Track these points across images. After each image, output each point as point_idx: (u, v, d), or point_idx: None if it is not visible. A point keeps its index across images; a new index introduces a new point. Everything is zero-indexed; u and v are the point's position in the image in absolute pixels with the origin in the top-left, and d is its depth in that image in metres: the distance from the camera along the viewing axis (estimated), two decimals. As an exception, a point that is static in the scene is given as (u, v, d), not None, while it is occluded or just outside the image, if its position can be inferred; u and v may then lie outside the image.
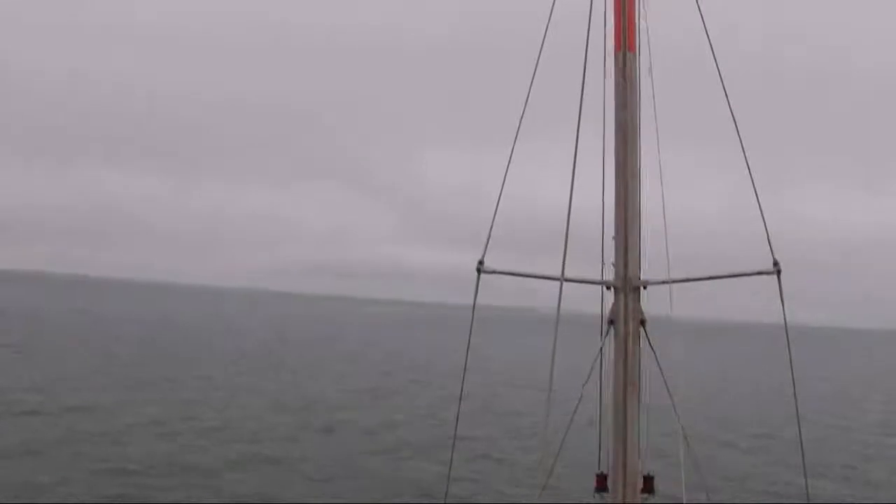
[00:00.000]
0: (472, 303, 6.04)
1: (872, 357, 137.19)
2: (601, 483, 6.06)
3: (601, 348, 5.93)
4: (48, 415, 31.43)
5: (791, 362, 6.17)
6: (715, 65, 6.11)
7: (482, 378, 51.98)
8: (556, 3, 6.10)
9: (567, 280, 5.69)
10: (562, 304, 5.79)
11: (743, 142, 5.98)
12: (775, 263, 5.58)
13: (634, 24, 5.77)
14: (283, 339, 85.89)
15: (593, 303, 6.15)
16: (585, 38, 5.78)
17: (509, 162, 6.42)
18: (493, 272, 5.97)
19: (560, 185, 5.88)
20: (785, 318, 5.87)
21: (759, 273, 5.64)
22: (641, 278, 5.74)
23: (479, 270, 5.93)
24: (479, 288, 6.05)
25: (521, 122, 6.36)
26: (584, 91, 5.70)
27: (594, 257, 6.16)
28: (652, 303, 5.85)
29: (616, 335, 5.70)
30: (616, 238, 5.73)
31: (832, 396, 57.06)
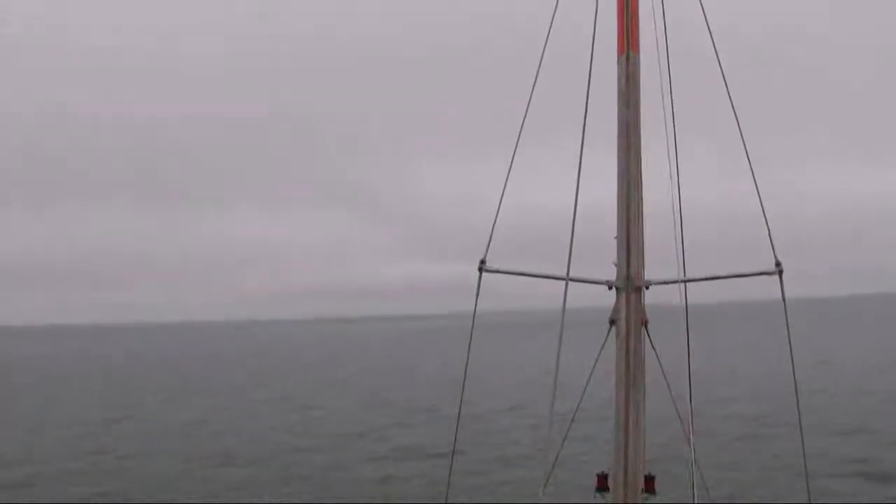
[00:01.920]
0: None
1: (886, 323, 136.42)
2: (602, 483, 6.05)
3: (602, 348, 5.94)
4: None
5: (792, 361, 6.18)
6: (718, 64, 6.12)
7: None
8: (557, 6, 6.11)
9: (571, 280, 5.69)
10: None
11: (747, 142, 6.00)
12: (777, 263, 5.60)
13: (638, 25, 5.77)
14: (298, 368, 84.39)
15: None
16: (587, 39, 5.78)
17: (511, 162, 6.42)
18: (496, 271, 5.97)
19: (561, 186, 5.89)
20: (787, 317, 5.89)
21: (762, 273, 5.65)
22: (643, 278, 5.75)
23: (480, 270, 5.93)
24: (482, 289, 6.06)
25: (523, 123, 6.36)
26: (591, 91, 5.70)
27: (596, 258, 6.17)
28: (652, 300, 5.86)
29: (618, 335, 5.71)
30: (618, 238, 5.73)
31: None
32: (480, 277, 5.95)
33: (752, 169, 5.97)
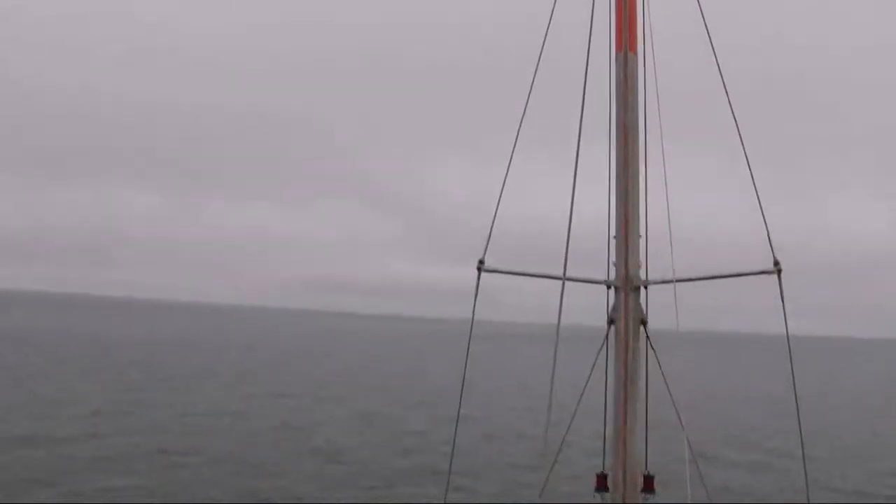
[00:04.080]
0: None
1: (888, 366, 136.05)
2: (601, 483, 6.06)
3: (601, 348, 5.95)
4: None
5: (791, 360, 6.19)
6: (716, 65, 6.13)
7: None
8: (556, 6, 6.12)
9: (568, 279, 5.70)
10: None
11: (745, 142, 6.01)
12: (776, 263, 5.60)
13: (636, 24, 5.78)
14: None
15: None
16: (586, 40, 5.80)
17: (509, 163, 6.44)
18: (494, 271, 5.98)
19: (561, 186, 5.90)
20: (785, 317, 5.89)
21: (761, 273, 5.65)
22: (642, 278, 5.76)
23: (479, 270, 5.94)
24: (481, 290, 6.07)
25: (521, 123, 6.38)
26: (588, 90, 5.72)
27: (595, 258, 6.18)
28: (653, 305, 5.86)
29: (616, 334, 5.71)
30: (617, 238, 5.74)
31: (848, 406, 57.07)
32: (479, 277, 5.96)
33: (750, 169, 5.98)
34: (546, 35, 6.22)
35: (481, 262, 5.91)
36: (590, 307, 6.02)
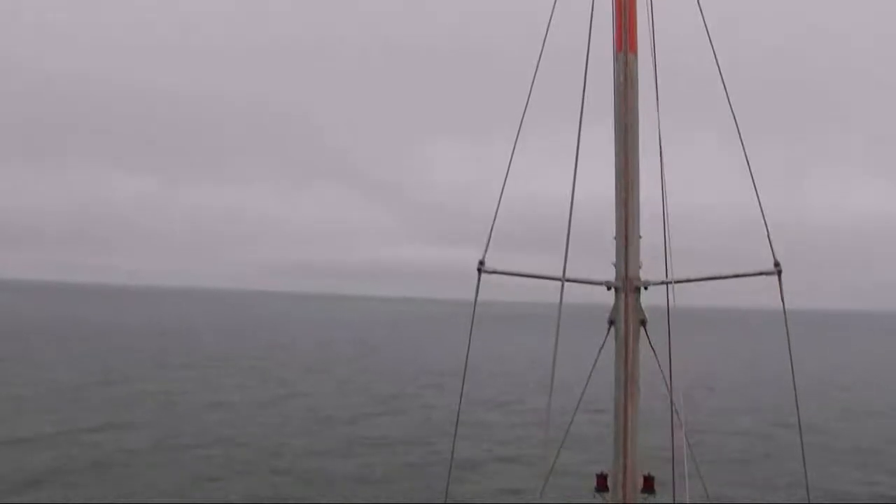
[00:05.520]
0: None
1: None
2: (601, 483, 6.06)
3: (601, 348, 5.95)
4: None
5: (791, 360, 6.19)
6: (716, 64, 6.12)
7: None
8: (556, 4, 6.11)
9: (568, 280, 5.70)
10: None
11: (746, 142, 6.00)
12: (776, 264, 5.60)
13: (636, 25, 5.77)
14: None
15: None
16: (587, 38, 5.79)
17: (510, 163, 6.43)
18: (494, 272, 5.98)
19: (562, 184, 5.89)
20: (786, 318, 5.88)
21: (760, 273, 5.65)
22: (642, 278, 5.75)
23: (479, 270, 5.94)
24: (481, 287, 6.07)
25: (521, 122, 6.37)
26: (587, 91, 5.71)
27: (596, 257, 6.17)
28: (652, 300, 5.86)
29: (616, 335, 5.71)
30: (617, 238, 5.73)
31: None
32: (479, 278, 5.96)
33: (750, 170, 5.97)
34: (546, 35, 6.21)
35: (481, 262, 5.91)
36: (593, 292, 5.99)
